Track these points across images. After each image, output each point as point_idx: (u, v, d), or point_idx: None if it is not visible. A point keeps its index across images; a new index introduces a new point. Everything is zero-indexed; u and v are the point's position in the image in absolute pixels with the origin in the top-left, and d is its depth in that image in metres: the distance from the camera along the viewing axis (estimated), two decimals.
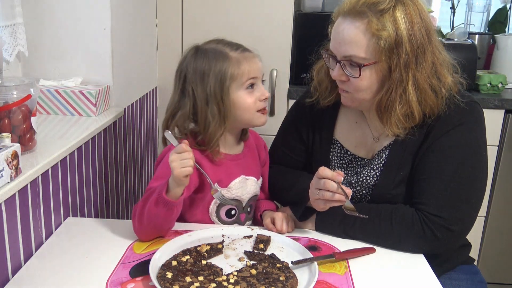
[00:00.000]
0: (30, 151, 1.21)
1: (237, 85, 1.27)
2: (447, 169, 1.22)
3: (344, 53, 1.20)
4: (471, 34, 2.62)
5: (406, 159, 1.28)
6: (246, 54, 1.29)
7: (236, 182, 1.35)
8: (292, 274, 1.06)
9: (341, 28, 1.21)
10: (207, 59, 1.27)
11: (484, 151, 1.26)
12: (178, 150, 1.12)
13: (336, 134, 1.40)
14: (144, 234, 1.21)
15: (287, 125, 1.53)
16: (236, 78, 1.26)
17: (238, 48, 1.30)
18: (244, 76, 1.27)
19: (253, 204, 1.43)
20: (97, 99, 1.58)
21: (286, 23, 2.22)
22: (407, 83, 1.18)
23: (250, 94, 1.29)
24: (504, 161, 2.32)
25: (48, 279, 1.05)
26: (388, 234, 1.22)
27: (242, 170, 1.37)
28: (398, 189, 1.29)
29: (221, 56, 1.27)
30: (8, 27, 1.48)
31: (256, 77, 1.29)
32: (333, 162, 1.40)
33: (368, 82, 1.21)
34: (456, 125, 1.24)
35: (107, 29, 1.64)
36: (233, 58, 1.27)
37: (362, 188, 1.34)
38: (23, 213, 1.14)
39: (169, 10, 2.24)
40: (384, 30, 1.15)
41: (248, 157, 1.41)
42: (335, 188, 1.16)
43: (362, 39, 1.17)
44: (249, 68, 1.27)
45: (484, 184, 1.27)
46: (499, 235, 2.43)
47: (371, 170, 1.33)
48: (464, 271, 1.41)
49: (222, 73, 1.25)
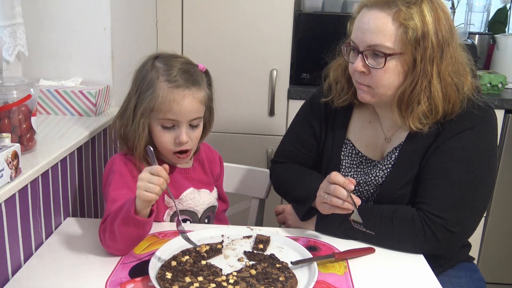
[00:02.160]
0: (30, 151, 1.21)
1: (155, 118, 1.23)
2: (454, 171, 1.21)
3: (370, 42, 1.19)
4: (471, 34, 2.62)
5: (415, 160, 1.28)
6: (178, 92, 1.20)
7: (187, 193, 1.34)
8: (292, 274, 1.06)
9: (367, 18, 1.20)
10: (146, 80, 1.23)
11: (493, 156, 1.25)
12: (152, 171, 1.06)
13: (349, 134, 1.40)
14: (117, 250, 1.15)
15: (300, 120, 1.50)
16: (155, 111, 1.22)
17: (176, 81, 1.21)
18: (160, 114, 1.22)
19: (210, 215, 1.41)
20: (97, 99, 1.58)
21: (286, 23, 2.22)
22: (431, 76, 1.19)
23: (166, 133, 1.24)
24: (504, 161, 2.32)
25: (48, 279, 1.05)
26: (389, 234, 1.22)
27: (192, 183, 1.36)
28: (404, 189, 1.28)
29: (153, 85, 1.22)
30: (8, 27, 1.48)
31: (176, 120, 1.22)
32: (344, 162, 1.39)
33: (391, 74, 1.20)
34: (467, 128, 1.23)
35: (107, 29, 1.64)
36: (160, 91, 1.21)
37: (369, 187, 1.34)
38: (23, 213, 1.14)
39: (169, 10, 2.24)
40: (412, 20, 1.16)
41: (199, 172, 1.40)
42: (345, 196, 1.15)
43: (390, 28, 1.17)
44: (168, 109, 1.20)
45: (490, 189, 1.26)
46: (499, 235, 2.42)
47: (380, 170, 1.32)
48: (463, 269, 1.40)
49: (151, 99, 1.21)
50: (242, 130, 2.33)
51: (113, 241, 1.12)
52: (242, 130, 2.33)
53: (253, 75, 2.27)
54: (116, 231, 1.09)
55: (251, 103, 2.29)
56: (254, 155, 2.33)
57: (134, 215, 1.07)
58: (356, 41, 1.23)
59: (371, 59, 1.21)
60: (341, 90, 1.36)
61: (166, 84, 1.21)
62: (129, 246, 1.14)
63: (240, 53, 2.26)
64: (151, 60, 1.26)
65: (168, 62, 1.24)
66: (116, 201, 1.16)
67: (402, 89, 1.21)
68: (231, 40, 2.25)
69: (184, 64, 1.26)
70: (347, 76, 1.33)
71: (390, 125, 1.34)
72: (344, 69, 1.34)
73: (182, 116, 1.22)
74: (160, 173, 1.05)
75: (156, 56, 1.27)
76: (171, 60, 1.25)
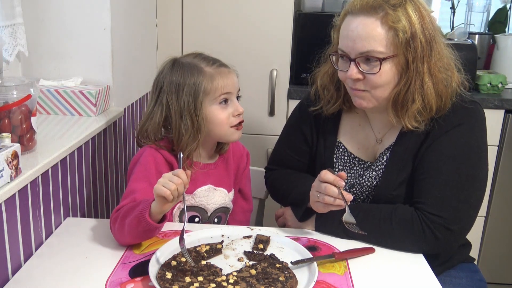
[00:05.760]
0: (30, 151, 1.21)
1: (210, 100, 1.28)
2: (446, 169, 1.22)
3: (361, 49, 1.19)
4: (471, 34, 2.61)
5: (407, 160, 1.28)
6: (222, 69, 1.30)
7: (202, 190, 1.35)
8: (292, 274, 1.06)
9: (354, 25, 1.20)
10: (182, 73, 1.27)
11: (484, 151, 1.26)
12: (174, 172, 1.09)
13: (340, 137, 1.40)
14: (123, 242, 1.19)
15: (291, 127, 1.52)
16: (209, 92, 1.27)
17: (214, 63, 1.30)
18: (217, 91, 1.27)
19: (222, 216, 1.42)
20: (97, 99, 1.58)
21: (286, 23, 2.22)
22: (424, 74, 1.20)
23: (223, 110, 1.30)
24: (504, 161, 2.32)
25: (48, 279, 1.05)
26: (388, 234, 1.22)
27: (211, 180, 1.37)
28: (399, 190, 1.29)
29: (196, 70, 1.27)
30: (8, 27, 1.48)
31: (230, 93, 1.30)
32: (337, 164, 1.40)
33: (387, 76, 1.21)
34: (456, 125, 1.24)
35: (107, 29, 1.64)
36: (207, 73, 1.27)
37: (364, 189, 1.34)
38: (23, 213, 1.14)
39: (169, 10, 2.24)
40: (400, 23, 1.17)
41: (221, 168, 1.41)
42: (336, 194, 1.16)
43: (380, 32, 1.18)
44: (223, 84, 1.27)
45: (484, 184, 1.26)
46: (499, 235, 2.42)
47: (373, 172, 1.33)
48: (463, 269, 1.41)
49: (196, 87, 1.26)
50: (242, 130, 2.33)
51: (121, 233, 1.17)
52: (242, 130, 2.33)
53: (253, 75, 2.27)
54: (126, 227, 1.13)
55: (251, 103, 2.28)
56: (254, 155, 2.31)
57: (147, 217, 1.10)
58: (346, 49, 1.23)
59: (364, 64, 1.21)
60: (330, 97, 1.36)
61: (210, 67, 1.29)
62: (134, 241, 1.18)
63: (240, 53, 2.25)
64: (171, 62, 1.31)
65: (193, 58, 1.31)
66: (133, 192, 1.21)
67: (397, 90, 1.22)
68: (231, 40, 2.25)
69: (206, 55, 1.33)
70: (335, 83, 1.33)
71: (381, 126, 1.35)
72: (331, 76, 1.35)
73: (233, 87, 1.31)
74: (180, 175, 1.08)
75: (174, 59, 1.32)
76: (191, 56, 1.32)
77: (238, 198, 1.50)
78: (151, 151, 1.30)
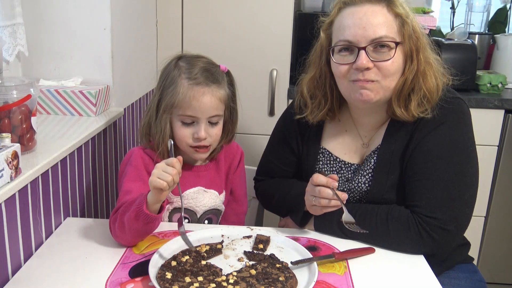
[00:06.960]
0: (30, 151, 1.21)
1: (176, 115, 1.28)
2: (435, 169, 1.22)
3: (374, 35, 1.19)
4: (471, 34, 2.62)
5: (395, 162, 1.28)
6: (197, 89, 1.25)
7: (191, 192, 1.35)
8: (292, 274, 1.06)
9: (362, 13, 1.21)
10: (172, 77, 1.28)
11: (470, 146, 1.26)
12: (168, 161, 1.10)
13: (323, 143, 1.40)
14: (126, 241, 1.19)
15: (276, 138, 1.52)
16: (176, 107, 1.26)
17: (196, 79, 1.25)
18: (180, 110, 1.26)
19: (212, 218, 1.42)
20: (97, 99, 1.58)
21: (286, 23, 2.22)
22: (424, 63, 1.23)
23: (185, 128, 1.28)
24: (504, 161, 2.32)
25: (48, 279, 1.05)
26: (385, 236, 1.22)
27: (202, 182, 1.37)
28: (390, 194, 1.28)
29: (175, 82, 1.27)
30: (8, 27, 1.48)
31: (195, 117, 1.26)
32: (323, 169, 1.40)
33: (398, 63, 1.22)
34: (439, 124, 1.24)
35: (107, 29, 1.64)
36: (181, 87, 1.25)
37: (355, 195, 1.34)
38: (23, 213, 1.14)
39: (169, 10, 2.24)
40: (403, 11, 1.22)
41: (212, 170, 1.41)
42: (330, 195, 1.17)
43: (390, 18, 1.21)
44: (188, 105, 1.25)
45: (475, 179, 1.26)
46: (499, 235, 2.42)
47: (362, 176, 1.32)
48: (463, 270, 1.40)
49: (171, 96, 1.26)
50: (242, 130, 2.33)
51: (122, 231, 1.16)
52: (242, 130, 2.33)
53: (253, 75, 2.27)
54: (126, 223, 1.14)
55: (251, 103, 2.29)
56: (254, 155, 2.31)
57: (145, 210, 1.11)
58: (353, 38, 1.21)
59: (373, 53, 1.21)
60: (318, 104, 1.35)
61: (187, 81, 1.25)
62: (136, 238, 1.18)
63: (240, 53, 2.25)
64: (175, 59, 1.31)
65: (191, 62, 1.29)
66: (129, 192, 1.22)
67: (403, 79, 1.24)
68: (231, 40, 2.25)
69: (206, 63, 1.30)
70: (322, 88, 1.33)
71: (367, 130, 1.35)
72: (317, 81, 1.34)
73: (201, 112, 1.26)
74: (174, 164, 1.09)
75: (180, 56, 1.32)
76: (193, 59, 1.30)
77: (230, 200, 1.49)
78: (139, 152, 1.32)
